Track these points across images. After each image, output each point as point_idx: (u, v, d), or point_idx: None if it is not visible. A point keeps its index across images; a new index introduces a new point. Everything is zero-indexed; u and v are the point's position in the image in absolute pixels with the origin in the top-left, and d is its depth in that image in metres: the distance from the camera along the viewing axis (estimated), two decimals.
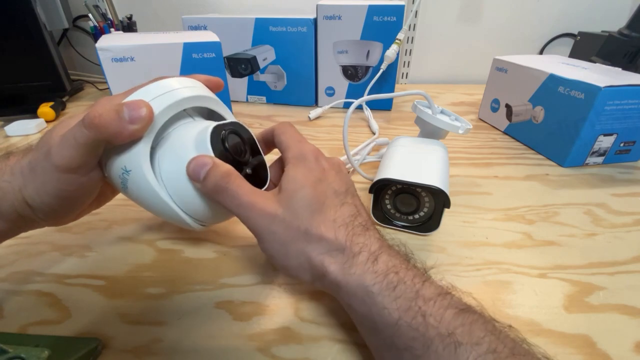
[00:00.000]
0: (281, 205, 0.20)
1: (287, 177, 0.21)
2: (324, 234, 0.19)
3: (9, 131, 0.51)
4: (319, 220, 0.20)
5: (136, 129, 0.18)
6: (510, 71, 0.50)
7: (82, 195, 0.21)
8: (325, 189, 0.21)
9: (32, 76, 0.60)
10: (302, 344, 0.22)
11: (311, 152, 0.23)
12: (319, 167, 0.22)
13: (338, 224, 0.20)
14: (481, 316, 0.17)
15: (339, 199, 0.21)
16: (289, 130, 0.25)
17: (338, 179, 0.23)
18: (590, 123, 0.39)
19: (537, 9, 0.75)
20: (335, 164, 0.24)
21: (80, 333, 0.22)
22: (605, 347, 0.21)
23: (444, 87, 0.77)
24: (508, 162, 0.44)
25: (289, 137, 0.24)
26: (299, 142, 0.24)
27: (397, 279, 0.18)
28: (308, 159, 0.22)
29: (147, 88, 0.20)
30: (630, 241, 0.30)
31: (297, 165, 0.22)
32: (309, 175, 0.21)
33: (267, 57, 0.61)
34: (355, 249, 0.19)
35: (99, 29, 0.66)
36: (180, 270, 0.27)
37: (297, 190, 0.20)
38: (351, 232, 0.20)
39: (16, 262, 0.28)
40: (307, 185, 0.21)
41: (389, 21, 0.54)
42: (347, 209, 0.21)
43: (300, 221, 0.20)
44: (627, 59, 0.50)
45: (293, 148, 0.23)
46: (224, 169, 0.20)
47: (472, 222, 0.33)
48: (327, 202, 0.21)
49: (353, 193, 0.23)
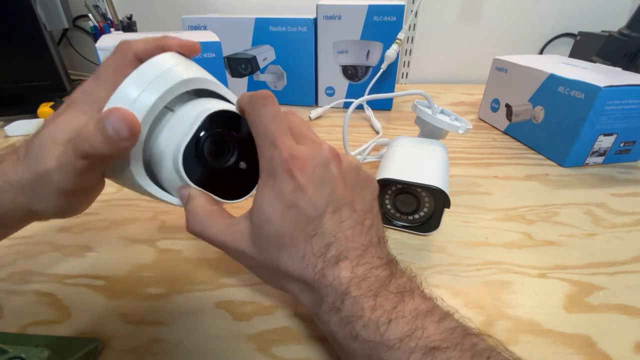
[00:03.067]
0: (250, 241, 0.19)
1: (255, 204, 0.19)
2: (292, 273, 0.18)
3: (9, 131, 0.51)
4: (287, 258, 0.18)
5: (129, 145, 0.17)
6: (510, 71, 0.50)
7: (89, 201, 0.22)
8: (295, 217, 0.18)
9: (32, 76, 0.60)
10: (302, 344, 0.22)
11: (283, 164, 0.18)
12: (291, 187, 0.18)
13: (306, 262, 0.18)
14: (455, 352, 0.15)
15: (312, 226, 0.18)
16: (259, 119, 0.19)
17: (316, 195, 0.18)
18: (590, 123, 0.39)
19: (537, 9, 0.75)
20: (318, 166, 0.19)
21: (80, 333, 0.22)
22: (605, 347, 0.21)
23: (444, 87, 0.77)
24: (508, 162, 0.44)
25: (258, 135, 0.19)
26: (272, 144, 0.19)
27: (357, 328, 0.16)
28: (278, 176, 0.18)
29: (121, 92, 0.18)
30: (630, 241, 0.30)
31: (264, 186, 0.19)
32: (276, 202, 0.18)
33: (267, 57, 0.61)
34: (323, 292, 0.17)
35: (99, 29, 0.66)
36: (180, 270, 0.27)
37: (262, 225, 0.18)
38: (320, 270, 0.17)
39: (16, 262, 0.28)
40: (273, 217, 0.18)
41: (389, 21, 0.54)
42: (318, 241, 0.18)
43: (269, 259, 0.19)
44: (627, 59, 0.50)
45: (263, 156, 0.19)
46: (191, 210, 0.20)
47: (472, 222, 0.33)
48: (295, 235, 0.18)
49: (336, 206, 0.18)
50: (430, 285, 0.26)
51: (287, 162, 0.18)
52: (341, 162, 0.20)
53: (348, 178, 0.20)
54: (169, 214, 0.34)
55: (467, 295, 0.25)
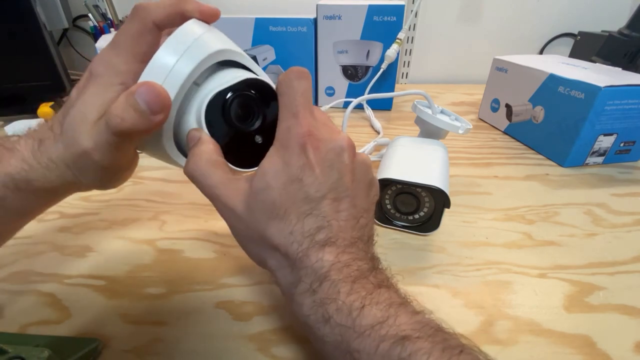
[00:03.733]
0: (244, 202, 0.19)
1: (260, 169, 0.19)
2: (276, 245, 0.18)
3: (9, 131, 0.51)
4: (275, 229, 0.18)
5: (161, 119, 0.17)
6: (510, 71, 0.50)
7: (132, 166, 0.22)
8: (296, 192, 0.18)
9: (32, 76, 0.60)
10: (302, 344, 0.22)
11: (299, 138, 0.18)
12: (300, 161, 0.18)
13: (293, 239, 0.18)
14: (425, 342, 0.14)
15: (308, 206, 0.18)
16: (290, 91, 0.19)
17: (322, 177, 0.18)
18: (590, 123, 0.39)
19: (537, 9, 0.75)
20: (332, 150, 0.19)
21: (80, 333, 0.22)
22: (605, 347, 0.21)
23: (444, 87, 0.77)
24: (508, 162, 0.44)
25: (284, 105, 0.20)
26: (293, 116, 0.19)
27: (330, 312, 0.16)
28: (291, 147, 0.18)
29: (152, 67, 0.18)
30: (630, 241, 0.30)
31: (275, 154, 0.19)
32: (282, 172, 0.18)
33: (267, 57, 0.61)
34: (302, 272, 0.17)
35: (99, 29, 0.66)
36: (180, 270, 0.27)
37: (261, 190, 0.18)
38: (305, 250, 0.17)
39: (16, 262, 0.28)
40: (274, 186, 0.18)
41: (389, 21, 0.54)
42: (310, 222, 0.18)
43: (257, 224, 0.18)
44: (627, 59, 0.50)
45: (281, 127, 0.19)
46: (196, 153, 0.19)
47: (472, 222, 0.33)
48: (290, 209, 0.18)
49: (338, 195, 0.19)
50: (430, 286, 0.26)
51: (303, 137, 0.18)
52: (355, 155, 0.20)
53: (357, 173, 0.20)
54: (169, 214, 0.34)
55: (467, 295, 0.25)
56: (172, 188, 0.37)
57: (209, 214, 0.33)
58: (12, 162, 0.19)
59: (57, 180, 0.19)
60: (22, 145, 0.19)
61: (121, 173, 0.21)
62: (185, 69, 0.18)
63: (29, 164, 0.19)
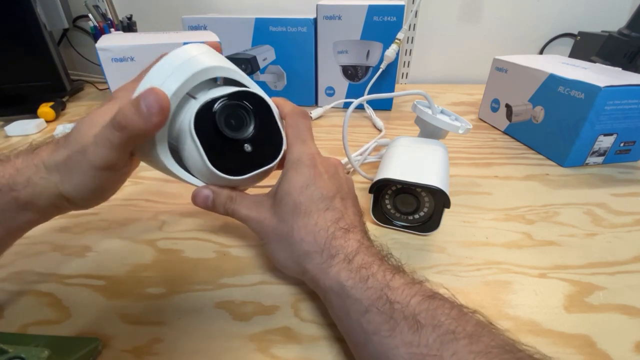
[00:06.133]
0: (271, 212, 0.23)
1: (280, 184, 0.24)
2: (304, 237, 0.21)
3: (9, 131, 0.51)
4: (301, 225, 0.22)
5: (159, 120, 0.19)
6: (510, 71, 0.50)
7: (117, 184, 0.24)
8: (312, 193, 0.22)
9: (32, 76, 0.60)
10: (302, 344, 0.22)
11: (308, 155, 0.24)
12: (312, 171, 0.23)
13: (318, 228, 0.21)
14: (447, 302, 0.18)
15: (324, 203, 0.22)
16: (298, 125, 0.25)
17: (329, 182, 0.23)
18: (590, 123, 0.39)
19: (537, 9, 0.75)
20: (332, 165, 0.25)
21: (80, 333, 0.22)
22: (605, 347, 0.21)
23: (444, 87, 0.77)
24: (508, 162, 0.44)
25: (294, 135, 0.25)
26: (303, 142, 0.25)
27: (368, 273, 0.19)
28: (303, 163, 0.24)
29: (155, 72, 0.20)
30: (630, 241, 0.30)
31: (291, 170, 0.24)
32: (298, 180, 0.23)
33: (267, 57, 0.61)
34: (333, 251, 0.21)
35: (99, 29, 0.66)
36: (180, 270, 0.27)
37: (284, 197, 0.23)
38: (331, 235, 0.21)
39: (16, 262, 0.28)
40: (294, 191, 0.23)
41: (389, 21, 0.54)
42: (330, 214, 0.22)
43: (285, 225, 0.22)
44: (627, 59, 0.50)
45: (293, 150, 0.24)
46: (224, 197, 0.24)
47: (472, 222, 0.33)
48: (311, 207, 0.22)
49: (343, 196, 0.24)
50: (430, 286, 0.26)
51: (313, 156, 0.24)
52: (343, 171, 0.27)
53: (346, 185, 0.26)
54: (169, 214, 0.34)
55: (467, 295, 0.25)
56: (172, 188, 0.37)
57: (209, 214, 0.33)
58: (0, 168, 0.20)
59: (40, 184, 0.20)
60: (17, 156, 0.21)
61: (106, 184, 0.21)
62: (176, 82, 0.20)
63: (17, 168, 0.20)
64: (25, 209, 0.20)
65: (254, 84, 0.24)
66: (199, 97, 0.22)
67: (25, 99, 0.59)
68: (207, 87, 0.22)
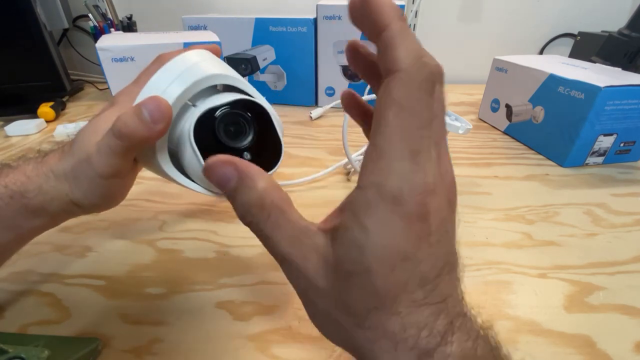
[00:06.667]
0: (327, 276, 0.14)
1: (350, 236, 0.13)
2: (376, 340, 0.13)
3: (9, 131, 0.51)
4: (376, 321, 0.13)
5: (161, 128, 0.18)
6: (510, 71, 0.50)
7: (125, 189, 0.23)
8: (410, 275, 0.12)
9: (32, 76, 0.60)
10: (302, 344, 0.22)
11: (419, 192, 0.12)
12: (418, 229, 0.12)
13: (407, 334, 0.13)
14: None
15: (423, 291, 0.13)
16: (413, 110, 0.12)
17: (440, 246, 0.13)
18: (590, 123, 0.39)
19: (537, 9, 0.75)
20: (449, 203, 0.13)
21: (80, 333, 0.22)
22: (605, 347, 0.21)
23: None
24: (508, 162, 0.44)
25: (401, 130, 0.12)
26: (411, 154, 0.12)
27: None
28: (406, 207, 0.12)
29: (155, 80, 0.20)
30: (630, 241, 0.30)
31: (376, 215, 0.12)
32: (390, 245, 0.12)
33: (267, 57, 0.61)
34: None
35: (99, 29, 0.66)
36: (180, 270, 0.27)
37: (357, 271, 0.13)
38: (425, 345, 0.12)
39: (16, 262, 0.28)
40: (378, 266, 0.12)
41: None
42: (426, 312, 0.13)
43: (350, 314, 0.13)
44: (627, 59, 0.50)
45: (390, 166, 0.12)
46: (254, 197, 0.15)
47: (472, 222, 0.33)
48: (400, 297, 0.12)
49: (452, 267, 0.13)
50: None
51: (427, 197, 0.12)
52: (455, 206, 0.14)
53: (455, 241, 0.14)
54: (169, 214, 0.34)
55: (467, 295, 0.25)
56: (172, 188, 0.37)
57: (209, 214, 0.33)
58: (10, 175, 0.20)
59: (51, 192, 0.20)
60: (27, 163, 0.21)
61: (114, 190, 0.22)
62: (178, 89, 0.20)
63: (28, 175, 0.20)
64: (36, 215, 0.20)
65: (254, 90, 0.24)
66: (199, 104, 0.22)
67: (25, 99, 0.59)
68: (207, 94, 0.22)
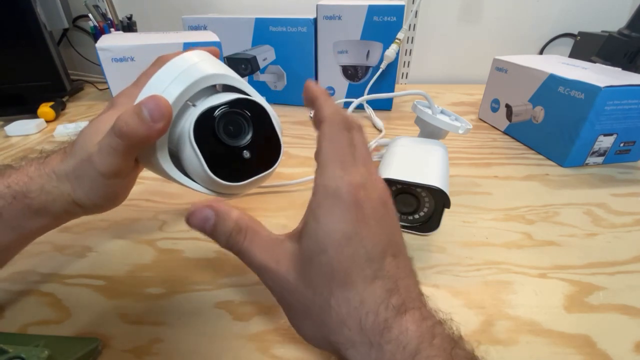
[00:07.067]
0: (296, 269, 0.17)
1: (308, 224, 0.16)
2: (345, 320, 0.15)
3: (9, 131, 0.51)
4: (340, 300, 0.15)
5: (161, 127, 0.18)
6: (510, 71, 0.50)
7: (127, 189, 0.24)
8: (355, 251, 0.16)
9: (32, 76, 0.60)
10: (302, 344, 0.22)
11: (349, 186, 0.16)
12: (354, 214, 0.16)
13: (365, 309, 0.15)
14: None
15: (371, 268, 0.16)
16: (336, 139, 0.17)
17: (378, 231, 0.16)
18: (590, 123, 0.39)
19: (537, 9, 0.75)
20: (379, 200, 0.17)
21: (80, 333, 0.22)
22: (605, 347, 0.21)
23: (444, 87, 0.77)
24: (508, 162, 0.44)
25: (330, 153, 0.17)
26: (341, 165, 0.16)
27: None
28: (341, 198, 0.16)
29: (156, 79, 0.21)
30: (630, 241, 0.30)
31: (323, 207, 0.16)
32: (335, 227, 0.16)
33: (267, 57, 0.61)
34: (386, 347, 0.14)
35: (99, 29, 0.66)
36: (180, 270, 0.27)
37: (316, 254, 0.16)
38: (382, 323, 0.15)
39: (16, 262, 0.28)
40: (330, 246, 0.16)
41: (389, 21, 0.54)
42: (380, 286, 0.15)
43: (317, 296, 0.16)
44: (627, 59, 0.50)
45: (327, 174, 0.16)
46: (230, 224, 0.18)
47: (472, 222, 0.33)
48: (353, 273, 0.15)
49: (395, 251, 0.17)
50: (430, 286, 0.26)
51: (355, 189, 0.16)
52: (393, 206, 0.18)
53: (398, 230, 0.18)
54: (169, 214, 0.34)
55: (467, 295, 0.25)
56: (172, 188, 0.37)
57: None
58: (13, 175, 0.20)
59: (53, 192, 0.20)
60: (29, 164, 0.21)
61: (116, 190, 0.22)
62: (178, 89, 0.20)
63: (30, 176, 0.20)
64: (39, 215, 0.20)
65: (252, 90, 0.25)
66: (198, 104, 0.22)
67: (25, 99, 0.59)
68: (206, 93, 0.23)
